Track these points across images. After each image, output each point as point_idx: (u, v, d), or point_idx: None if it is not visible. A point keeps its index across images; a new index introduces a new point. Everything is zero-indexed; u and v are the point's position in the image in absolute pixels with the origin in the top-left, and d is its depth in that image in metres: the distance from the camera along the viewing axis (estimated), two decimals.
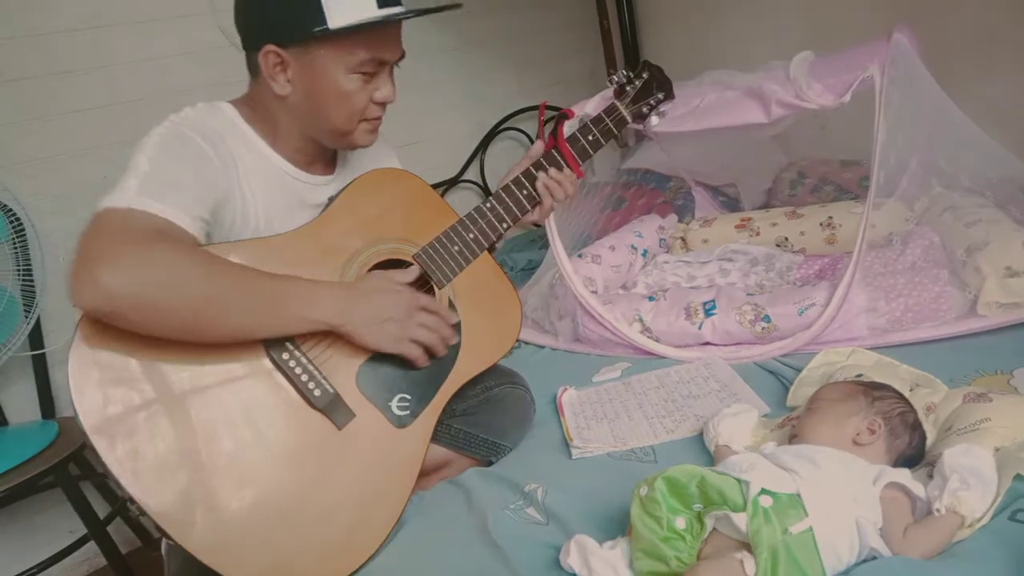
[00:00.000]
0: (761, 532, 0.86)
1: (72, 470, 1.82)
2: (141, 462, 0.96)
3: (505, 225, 1.34)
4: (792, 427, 1.18)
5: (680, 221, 2.41)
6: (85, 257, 0.94)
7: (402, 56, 1.20)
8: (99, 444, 0.95)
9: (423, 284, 1.27)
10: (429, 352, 1.18)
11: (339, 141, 1.22)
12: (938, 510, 0.91)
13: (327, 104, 1.15)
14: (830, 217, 2.06)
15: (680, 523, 0.92)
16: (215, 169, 1.09)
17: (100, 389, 0.97)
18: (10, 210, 1.88)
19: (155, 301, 0.95)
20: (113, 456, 0.95)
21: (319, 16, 1.07)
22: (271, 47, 1.11)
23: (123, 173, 1.03)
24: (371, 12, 1.09)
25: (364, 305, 1.11)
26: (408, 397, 1.18)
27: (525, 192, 1.36)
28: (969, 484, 0.91)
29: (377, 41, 1.13)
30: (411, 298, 1.15)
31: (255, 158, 1.17)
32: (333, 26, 1.07)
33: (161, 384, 1.00)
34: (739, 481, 0.92)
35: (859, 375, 1.29)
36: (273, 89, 1.14)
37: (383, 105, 1.20)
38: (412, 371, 1.19)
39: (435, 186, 2.79)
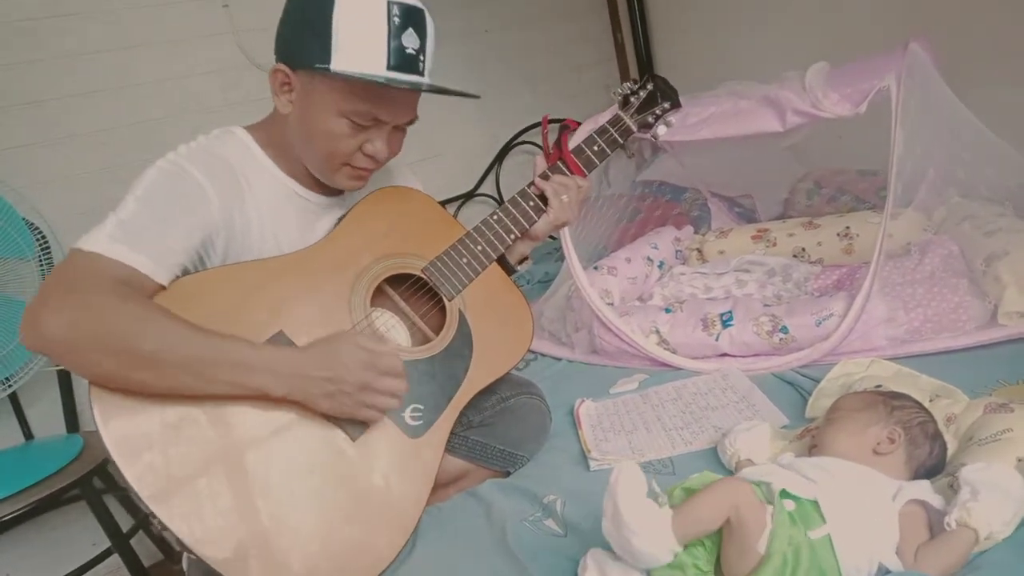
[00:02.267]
0: (784, 528, 0.87)
1: (96, 483, 1.84)
2: (161, 478, 0.98)
3: (513, 236, 1.35)
4: (812, 438, 1.17)
5: (696, 232, 2.41)
6: (36, 298, 0.98)
7: (412, 120, 1.19)
8: (120, 461, 0.97)
9: (432, 297, 1.29)
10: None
11: (320, 175, 1.21)
12: (949, 524, 0.90)
13: (313, 137, 1.15)
14: (847, 227, 2.05)
15: None
16: (207, 204, 1.09)
17: (122, 407, 0.99)
18: (36, 228, 1.92)
19: (86, 351, 0.96)
20: (134, 472, 0.97)
21: (325, 54, 1.07)
22: (281, 66, 1.13)
23: (113, 210, 1.05)
24: (377, 70, 1.08)
25: (312, 376, 1.04)
26: (421, 407, 1.19)
27: (532, 203, 1.36)
28: (979, 497, 0.90)
29: (379, 100, 1.12)
30: (367, 360, 1.06)
31: (266, 181, 1.19)
32: (334, 69, 1.07)
33: (180, 402, 1.02)
34: (758, 484, 0.92)
35: (878, 386, 1.28)
36: (277, 106, 1.16)
37: (373, 159, 1.18)
38: (424, 382, 1.20)
39: (451, 200, 2.84)
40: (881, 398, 1.10)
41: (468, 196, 2.94)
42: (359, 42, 1.07)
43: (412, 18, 1.10)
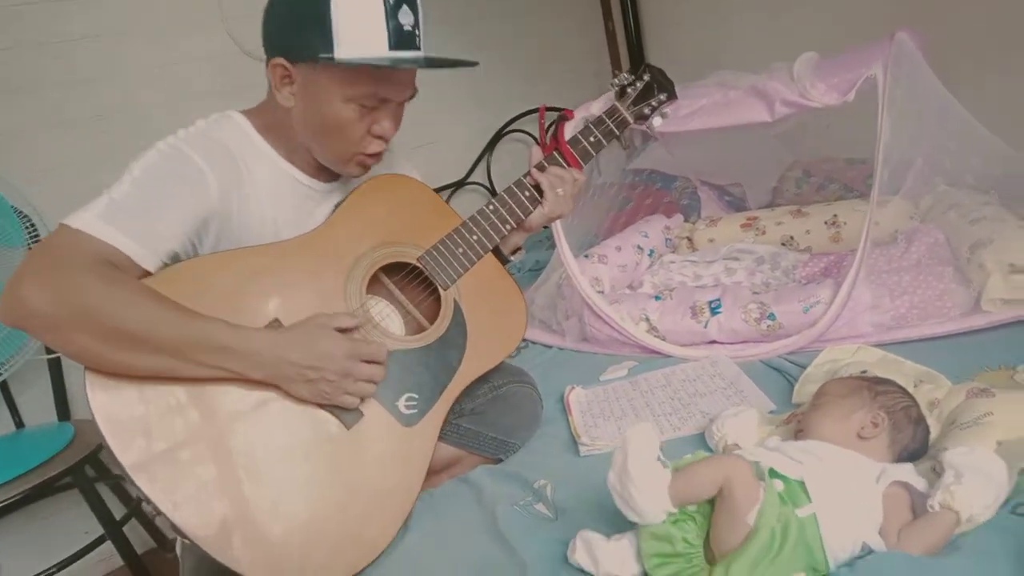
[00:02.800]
0: (774, 504, 0.90)
1: (88, 471, 1.85)
2: (155, 461, 0.99)
3: (508, 226, 1.35)
4: (797, 423, 1.19)
5: (686, 221, 2.43)
6: (18, 271, 0.97)
7: (413, 95, 1.20)
8: (114, 444, 0.98)
9: (427, 286, 1.30)
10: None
11: (333, 167, 1.22)
12: (931, 506, 0.92)
13: (323, 130, 1.16)
14: (835, 215, 2.07)
15: (690, 506, 0.95)
16: (205, 188, 1.09)
17: (115, 390, 1.00)
18: (26, 216, 1.91)
19: (68, 327, 0.95)
20: (128, 455, 0.98)
21: (327, 44, 1.07)
22: (279, 60, 1.13)
23: (107, 188, 1.05)
24: (380, 52, 1.09)
25: (293, 362, 1.05)
26: (415, 396, 1.20)
27: (527, 194, 1.37)
28: (963, 480, 0.92)
29: (383, 80, 1.13)
30: (350, 349, 1.08)
31: (265, 167, 1.19)
32: (339, 57, 1.08)
33: (174, 385, 1.03)
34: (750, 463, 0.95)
35: (863, 371, 1.30)
36: (278, 100, 1.16)
37: (382, 139, 1.19)
38: (419, 371, 1.21)
39: (443, 188, 2.84)
40: (865, 383, 1.12)
41: (459, 184, 2.94)
42: (359, 27, 1.08)
43: None
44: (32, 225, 1.91)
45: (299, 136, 1.19)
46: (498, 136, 3.02)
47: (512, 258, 1.44)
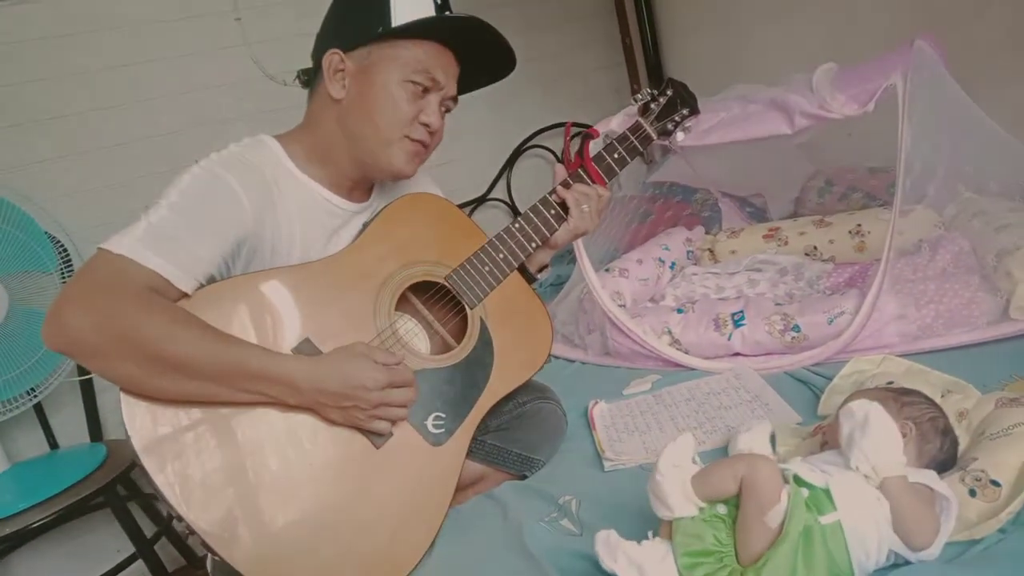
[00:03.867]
0: (799, 510, 0.89)
1: (120, 491, 1.88)
2: (188, 480, 1.00)
3: (534, 244, 1.36)
4: (823, 435, 1.18)
5: (707, 233, 2.42)
6: (61, 297, 0.98)
7: (455, 98, 1.27)
8: (148, 464, 0.99)
9: (454, 305, 1.31)
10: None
11: (379, 155, 1.22)
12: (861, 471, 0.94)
13: (376, 106, 1.20)
14: (859, 224, 2.05)
15: (721, 508, 0.96)
16: (241, 211, 1.11)
17: (149, 411, 1.01)
18: (58, 241, 1.96)
19: (111, 353, 0.97)
20: (162, 475, 1.00)
21: (385, 19, 1.16)
22: (335, 50, 1.19)
23: (144, 211, 1.07)
24: (428, 11, 1.18)
25: (330, 392, 1.07)
26: (443, 416, 1.21)
27: (552, 211, 1.38)
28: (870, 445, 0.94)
29: (434, 57, 1.21)
30: (387, 379, 1.10)
31: (297, 190, 1.21)
32: (395, 23, 1.15)
33: (207, 405, 1.04)
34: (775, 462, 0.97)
35: (890, 382, 1.29)
36: (330, 92, 1.20)
37: (428, 132, 1.24)
38: (446, 390, 1.22)
39: (463, 205, 2.86)
40: (891, 395, 1.11)
41: (480, 201, 2.96)
42: (410, 3, 1.17)
43: None
44: (64, 250, 1.96)
45: (343, 141, 1.22)
46: (517, 152, 3.04)
47: (539, 276, 1.44)
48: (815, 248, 2.11)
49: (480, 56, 1.26)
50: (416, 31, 1.18)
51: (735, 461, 0.98)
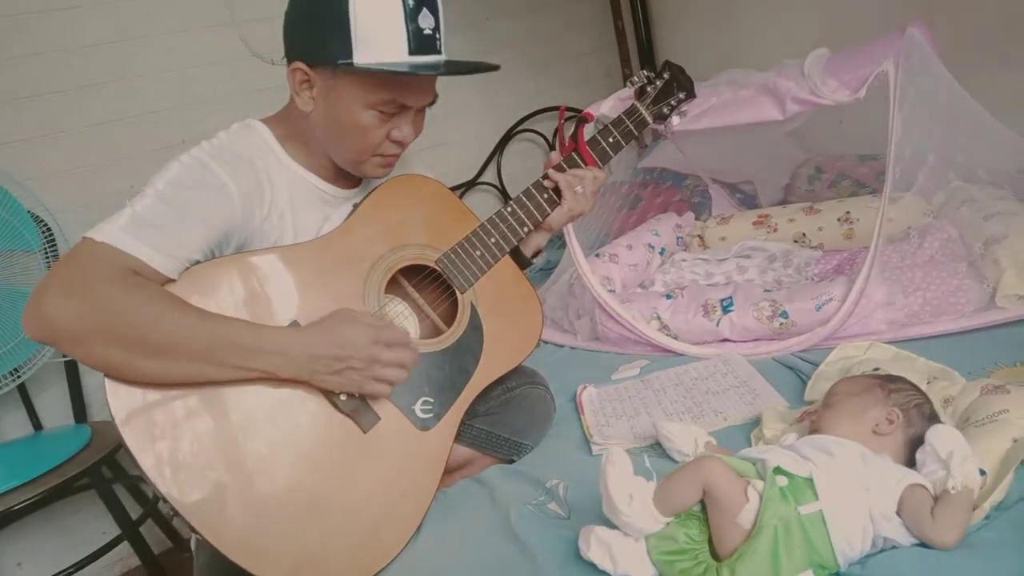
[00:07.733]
0: (774, 502, 0.89)
1: (105, 472, 1.87)
2: (172, 461, 1.00)
3: (526, 229, 1.35)
4: (811, 422, 1.19)
5: (697, 219, 2.42)
6: (41, 286, 0.96)
7: (433, 101, 1.20)
8: (132, 444, 0.99)
9: (445, 288, 1.30)
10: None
11: (350, 168, 1.23)
12: (954, 488, 0.91)
13: (342, 133, 1.16)
14: (848, 212, 2.06)
15: (695, 506, 0.96)
16: (230, 203, 1.09)
17: (133, 392, 1.00)
18: (42, 220, 1.93)
19: (94, 339, 0.95)
20: (146, 456, 0.99)
21: (347, 49, 1.07)
22: (299, 64, 1.13)
23: (130, 200, 1.05)
24: (400, 58, 1.08)
25: (320, 355, 1.04)
26: (431, 400, 1.21)
27: (546, 196, 1.37)
28: (967, 459, 0.93)
29: (403, 87, 1.13)
30: (374, 335, 1.07)
31: (286, 176, 1.19)
32: (358, 63, 1.08)
33: (192, 386, 1.03)
34: (754, 462, 0.96)
35: (876, 369, 1.30)
36: (298, 104, 1.16)
37: (400, 144, 1.20)
38: (435, 374, 1.22)
39: (453, 188, 2.85)
40: (878, 381, 1.12)
41: (470, 184, 2.94)
42: (379, 32, 1.07)
43: None
44: (48, 229, 1.94)
45: (318, 141, 1.20)
46: (508, 136, 3.02)
47: (535, 260, 1.43)
48: (804, 235, 2.12)
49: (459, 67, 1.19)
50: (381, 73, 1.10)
51: (690, 473, 0.95)
